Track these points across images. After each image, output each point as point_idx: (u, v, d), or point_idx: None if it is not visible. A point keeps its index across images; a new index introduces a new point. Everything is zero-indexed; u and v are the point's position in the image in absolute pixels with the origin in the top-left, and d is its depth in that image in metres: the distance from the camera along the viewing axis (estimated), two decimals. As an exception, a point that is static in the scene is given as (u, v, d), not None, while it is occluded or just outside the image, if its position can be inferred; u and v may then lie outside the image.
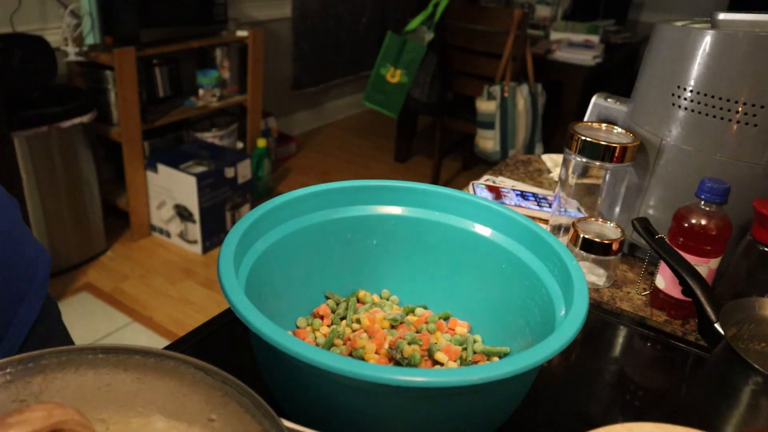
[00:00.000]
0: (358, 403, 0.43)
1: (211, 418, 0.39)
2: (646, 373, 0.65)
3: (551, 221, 0.86)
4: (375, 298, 0.65)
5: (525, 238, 0.58)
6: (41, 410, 0.30)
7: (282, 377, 0.47)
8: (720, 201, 0.66)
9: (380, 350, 0.56)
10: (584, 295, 0.48)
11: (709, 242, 0.67)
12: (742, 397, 0.49)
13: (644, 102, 0.79)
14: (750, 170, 0.70)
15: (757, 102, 0.68)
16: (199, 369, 0.39)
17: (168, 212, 2.47)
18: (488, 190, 0.96)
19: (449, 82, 2.83)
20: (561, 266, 0.52)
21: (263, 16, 3.21)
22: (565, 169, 0.80)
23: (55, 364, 0.38)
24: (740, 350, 0.49)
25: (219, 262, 0.48)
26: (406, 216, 0.64)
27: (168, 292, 2.22)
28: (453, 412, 0.44)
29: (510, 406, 0.49)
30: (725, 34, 0.69)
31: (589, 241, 0.73)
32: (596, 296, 0.75)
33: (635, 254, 0.84)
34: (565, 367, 0.64)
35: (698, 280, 0.59)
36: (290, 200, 0.59)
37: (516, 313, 0.58)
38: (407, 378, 0.38)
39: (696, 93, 0.71)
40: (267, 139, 2.95)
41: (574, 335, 0.43)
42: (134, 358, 0.39)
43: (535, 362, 0.40)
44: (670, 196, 0.76)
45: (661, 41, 0.77)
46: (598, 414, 0.58)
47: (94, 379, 0.39)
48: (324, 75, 3.79)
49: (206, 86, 2.66)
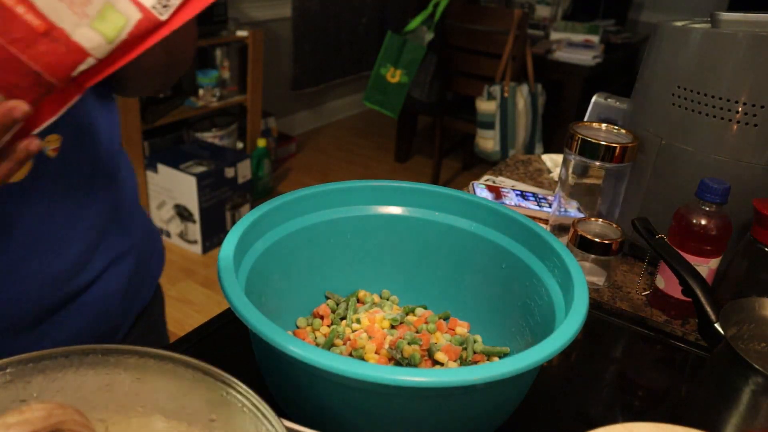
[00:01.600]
0: (358, 403, 0.43)
1: (211, 418, 0.39)
2: (646, 373, 0.65)
3: (551, 221, 0.86)
4: (375, 298, 0.65)
5: (525, 238, 0.58)
6: (41, 410, 0.30)
7: (282, 377, 0.47)
8: (720, 201, 0.66)
9: (380, 350, 0.56)
10: (584, 295, 0.48)
11: (709, 242, 0.67)
12: (742, 397, 0.49)
13: (644, 102, 0.79)
14: (750, 170, 0.70)
15: (757, 102, 0.68)
16: (199, 369, 0.39)
17: (168, 212, 2.47)
18: (488, 190, 0.96)
19: (449, 82, 2.83)
20: (561, 266, 0.52)
21: (263, 16, 3.21)
22: (565, 169, 0.80)
23: (55, 364, 0.38)
24: (740, 350, 0.49)
25: (219, 262, 0.48)
26: (406, 216, 0.64)
27: (168, 292, 2.22)
28: (453, 412, 0.44)
29: (510, 406, 0.49)
30: (725, 34, 0.69)
31: (589, 241, 0.73)
32: (596, 296, 0.75)
33: (635, 254, 0.84)
34: (565, 367, 0.64)
35: (698, 280, 0.59)
36: (290, 200, 0.59)
37: (516, 313, 0.58)
38: (407, 378, 0.38)
39: (696, 93, 0.71)
40: (267, 139, 2.95)
41: (574, 335, 0.43)
42: (134, 358, 0.39)
43: (535, 362, 0.40)
44: (670, 196, 0.76)
45: (661, 41, 0.77)
46: (598, 414, 0.58)
47: (94, 379, 0.39)
48: (324, 75, 3.78)
49: (206, 86, 2.66)
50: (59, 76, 0.35)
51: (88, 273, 0.60)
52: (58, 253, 0.56)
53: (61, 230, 0.55)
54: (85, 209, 0.58)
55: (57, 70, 0.35)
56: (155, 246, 0.76)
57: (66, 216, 0.56)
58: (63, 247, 0.56)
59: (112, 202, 0.63)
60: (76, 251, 0.57)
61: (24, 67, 0.34)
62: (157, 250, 0.77)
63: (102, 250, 0.61)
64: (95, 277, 0.61)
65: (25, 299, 0.55)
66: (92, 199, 0.59)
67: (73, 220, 0.57)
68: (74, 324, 0.60)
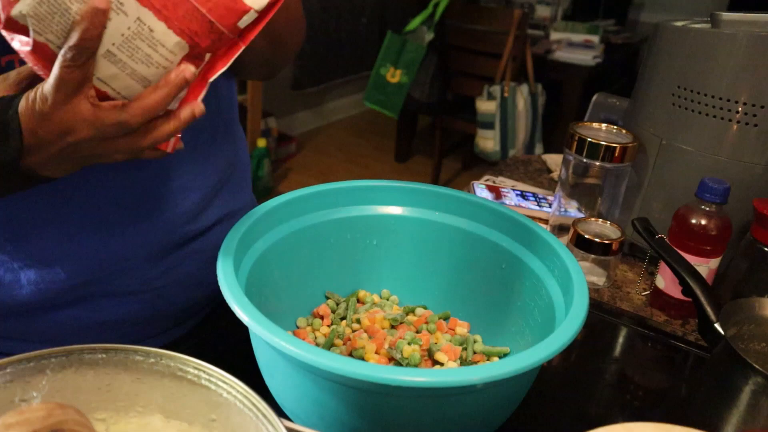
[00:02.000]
0: (358, 403, 0.43)
1: (211, 418, 0.39)
2: (646, 373, 0.65)
3: (551, 221, 0.86)
4: (375, 298, 0.65)
5: (525, 238, 0.58)
6: (41, 410, 0.30)
7: (282, 377, 0.47)
8: (720, 201, 0.66)
9: (380, 350, 0.56)
10: (584, 295, 0.48)
11: (709, 242, 0.67)
12: (742, 397, 0.49)
13: (644, 102, 0.79)
14: (750, 170, 0.70)
15: (757, 102, 0.68)
16: (198, 369, 0.39)
17: (168, 212, 2.47)
18: (488, 190, 0.96)
19: (449, 82, 2.83)
20: (561, 266, 0.52)
21: (263, 16, 3.20)
22: (565, 169, 0.80)
23: (55, 364, 0.38)
24: (740, 350, 0.49)
25: (219, 262, 0.48)
26: (406, 216, 0.64)
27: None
28: (453, 412, 0.44)
29: (510, 406, 0.49)
30: (725, 34, 0.69)
31: (589, 241, 0.73)
32: (596, 296, 0.75)
33: (635, 254, 0.84)
34: (565, 367, 0.64)
35: (698, 280, 0.59)
36: (290, 200, 0.59)
37: (516, 313, 0.58)
38: (407, 378, 0.38)
39: (696, 93, 0.71)
40: (267, 139, 2.95)
41: (574, 335, 0.43)
42: (134, 358, 0.39)
43: (535, 362, 0.40)
44: (670, 196, 0.76)
45: (661, 41, 0.77)
46: (598, 414, 0.58)
47: (94, 379, 0.39)
48: (324, 75, 3.78)
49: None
50: (228, 25, 0.42)
51: (202, 222, 0.66)
52: (179, 197, 0.63)
53: (183, 178, 0.63)
54: (205, 164, 0.65)
55: (227, 19, 0.41)
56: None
57: (188, 167, 0.63)
58: (183, 193, 0.64)
59: (227, 164, 0.70)
60: (194, 200, 0.65)
61: (202, 17, 0.41)
62: None
63: (216, 205, 0.68)
64: (207, 228, 0.67)
65: (153, 233, 0.62)
66: (212, 157, 0.66)
67: (195, 172, 0.64)
68: (189, 267, 0.66)
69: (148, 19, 0.40)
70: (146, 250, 0.62)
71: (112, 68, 0.41)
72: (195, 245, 0.66)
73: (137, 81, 0.42)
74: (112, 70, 0.41)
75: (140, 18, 0.39)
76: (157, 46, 0.41)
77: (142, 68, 0.41)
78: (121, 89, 0.42)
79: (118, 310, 0.62)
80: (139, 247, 0.61)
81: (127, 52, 0.40)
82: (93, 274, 0.59)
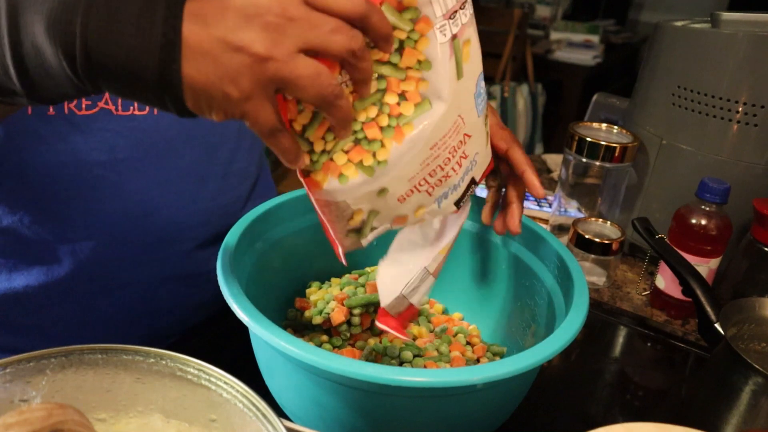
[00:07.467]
0: (358, 403, 0.43)
1: (211, 418, 0.39)
2: (646, 373, 0.65)
3: (551, 221, 0.86)
4: None
5: (525, 238, 0.58)
6: (41, 410, 0.30)
7: (282, 377, 0.47)
8: (720, 201, 0.66)
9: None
10: (584, 295, 0.48)
11: (709, 242, 0.67)
12: (742, 397, 0.49)
13: (644, 102, 0.79)
14: (750, 170, 0.70)
15: (757, 102, 0.68)
16: (198, 369, 0.39)
17: (168, 212, 2.47)
18: (488, 190, 0.96)
19: (449, 82, 2.83)
20: (561, 266, 0.52)
21: (263, 16, 3.20)
22: (565, 169, 0.80)
23: (55, 364, 0.38)
24: (740, 350, 0.49)
25: (219, 262, 0.48)
26: (406, 216, 0.64)
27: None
28: (453, 412, 0.44)
29: (510, 406, 0.49)
30: (725, 34, 0.69)
31: (589, 241, 0.73)
32: (596, 296, 0.75)
33: (635, 254, 0.84)
34: (565, 367, 0.64)
35: (698, 280, 0.59)
36: (290, 200, 0.59)
37: (516, 313, 0.58)
38: (407, 378, 0.38)
39: (696, 93, 0.71)
40: (267, 139, 2.95)
41: (574, 335, 0.43)
42: (134, 358, 0.39)
43: (535, 362, 0.40)
44: (670, 196, 0.76)
45: (661, 41, 0.77)
46: (598, 414, 0.58)
47: (94, 379, 0.39)
48: (324, 75, 3.78)
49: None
50: None
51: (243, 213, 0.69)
52: (217, 187, 0.67)
53: (221, 167, 0.67)
54: (237, 153, 0.69)
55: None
56: None
57: (223, 157, 0.67)
58: (223, 183, 0.67)
59: (256, 161, 0.74)
60: (234, 192, 0.69)
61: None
62: None
63: (252, 199, 0.73)
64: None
65: (198, 219, 0.66)
66: (241, 150, 0.70)
67: (230, 160, 0.68)
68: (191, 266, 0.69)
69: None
70: (194, 237, 0.66)
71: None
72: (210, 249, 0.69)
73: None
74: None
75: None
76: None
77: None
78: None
79: (116, 306, 0.63)
80: (191, 229, 0.65)
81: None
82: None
